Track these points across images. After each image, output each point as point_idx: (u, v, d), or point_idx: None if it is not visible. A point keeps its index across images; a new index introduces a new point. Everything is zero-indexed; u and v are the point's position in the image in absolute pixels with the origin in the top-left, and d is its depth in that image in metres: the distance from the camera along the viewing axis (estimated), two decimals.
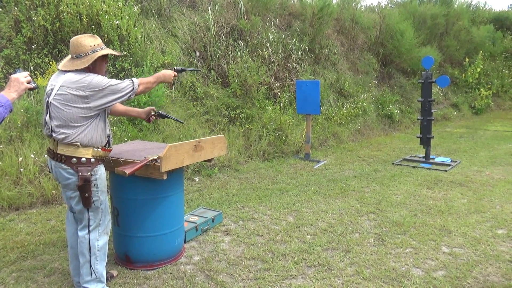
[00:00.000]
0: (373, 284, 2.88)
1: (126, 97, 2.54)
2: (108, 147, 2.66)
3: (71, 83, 2.40)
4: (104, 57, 2.58)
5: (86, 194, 2.49)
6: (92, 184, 2.51)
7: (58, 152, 2.46)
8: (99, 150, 2.56)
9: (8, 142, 4.72)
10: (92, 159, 2.51)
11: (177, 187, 3.13)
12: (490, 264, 3.19)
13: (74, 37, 2.51)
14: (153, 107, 3.25)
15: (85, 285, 2.61)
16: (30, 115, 4.91)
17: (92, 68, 2.51)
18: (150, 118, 3.22)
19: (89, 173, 2.48)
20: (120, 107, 3.06)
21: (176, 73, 2.89)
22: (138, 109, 3.21)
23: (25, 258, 3.23)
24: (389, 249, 3.44)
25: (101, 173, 2.58)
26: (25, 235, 3.66)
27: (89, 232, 2.58)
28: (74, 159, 2.46)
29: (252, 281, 2.92)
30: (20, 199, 4.35)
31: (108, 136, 2.65)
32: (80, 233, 2.60)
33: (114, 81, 2.50)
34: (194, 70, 3.43)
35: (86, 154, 2.48)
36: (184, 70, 3.08)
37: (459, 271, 3.07)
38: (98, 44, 2.51)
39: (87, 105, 2.43)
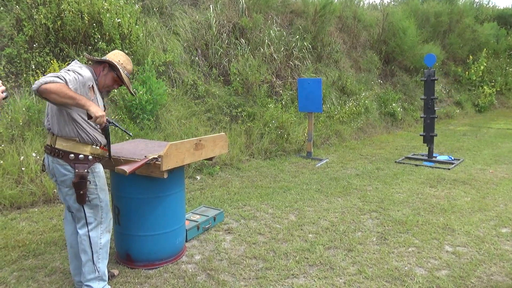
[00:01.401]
0: (376, 284, 2.86)
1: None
2: (105, 146, 2.63)
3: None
4: (116, 78, 2.64)
5: (81, 192, 2.46)
6: (89, 182, 2.49)
7: (56, 146, 2.43)
8: (98, 148, 2.54)
9: (10, 141, 4.72)
10: (90, 157, 2.49)
11: (178, 186, 3.12)
12: (494, 263, 3.16)
13: (121, 51, 2.70)
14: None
15: (87, 283, 2.58)
16: (31, 114, 4.91)
17: (105, 73, 2.60)
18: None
19: (86, 170, 2.46)
20: None
21: (107, 122, 2.52)
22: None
23: (26, 257, 3.22)
24: (392, 248, 3.42)
25: (99, 171, 2.56)
26: (26, 234, 3.66)
27: (89, 230, 2.56)
28: (72, 155, 2.43)
29: (253, 280, 2.90)
30: (22, 198, 4.35)
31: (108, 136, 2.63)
32: (80, 232, 2.58)
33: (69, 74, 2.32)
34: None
35: (84, 151, 2.46)
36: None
37: (462, 270, 3.04)
38: (126, 68, 2.66)
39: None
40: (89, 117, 2.35)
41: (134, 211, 2.99)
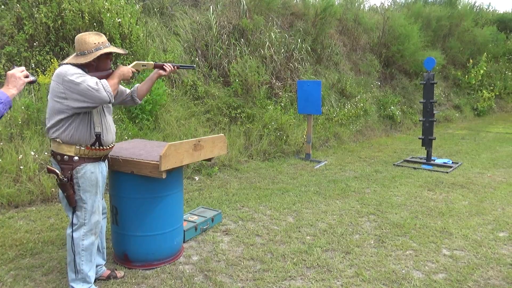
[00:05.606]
0: (373, 286, 2.86)
1: (102, 101, 2.39)
2: (99, 146, 2.54)
3: (56, 74, 2.39)
4: (108, 54, 2.55)
5: (66, 193, 2.45)
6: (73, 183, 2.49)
7: (51, 147, 2.51)
8: (83, 148, 2.47)
9: (9, 139, 4.71)
10: (76, 157, 2.44)
11: (177, 186, 3.12)
12: (491, 267, 3.17)
13: (79, 34, 2.49)
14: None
15: (71, 283, 2.57)
16: (30, 112, 4.90)
17: (96, 65, 2.49)
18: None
19: (69, 172, 2.44)
20: (141, 87, 2.92)
21: (135, 70, 2.75)
22: (149, 77, 2.93)
23: (23, 256, 3.22)
24: (389, 251, 3.42)
25: (84, 172, 2.48)
26: (24, 232, 3.65)
27: (73, 230, 2.54)
28: (59, 156, 2.45)
29: (251, 282, 2.90)
30: (20, 197, 4.34)
31: (98, 135, 2.51)
32: (67, 231, 2.60)
33: (92, 81, 2.37)
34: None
35: (68, 151, 2.44)
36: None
37: (459, 274, 3.05)
38: (102, 42, 2.48)
39: (65, 101, 2.35)
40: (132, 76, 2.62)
41: (132, 211, 2.98)
